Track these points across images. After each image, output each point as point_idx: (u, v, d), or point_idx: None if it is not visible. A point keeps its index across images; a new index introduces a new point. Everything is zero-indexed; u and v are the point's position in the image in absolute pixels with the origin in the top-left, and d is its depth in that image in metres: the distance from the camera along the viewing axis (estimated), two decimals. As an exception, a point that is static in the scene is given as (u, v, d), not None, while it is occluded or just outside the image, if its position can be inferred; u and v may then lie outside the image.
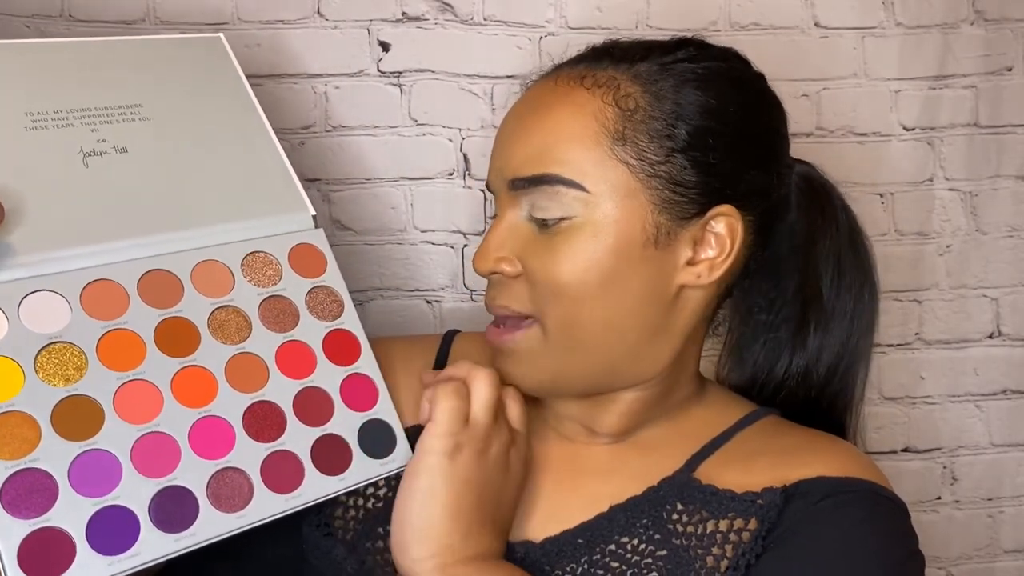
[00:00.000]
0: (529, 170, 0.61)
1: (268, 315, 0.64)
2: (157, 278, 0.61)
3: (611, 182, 0.60)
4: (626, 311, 0.61)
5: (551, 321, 0.62)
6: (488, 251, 0.63)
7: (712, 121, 0.61)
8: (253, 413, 0.60)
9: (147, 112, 0.66)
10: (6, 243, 0.56)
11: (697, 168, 0.61)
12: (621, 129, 0.60)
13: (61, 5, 0.90)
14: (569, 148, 0.60)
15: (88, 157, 0.62)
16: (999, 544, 1.05)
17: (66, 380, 0.55)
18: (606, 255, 0.60)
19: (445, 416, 0.59)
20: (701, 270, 0.62)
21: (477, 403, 0.60)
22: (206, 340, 0.61)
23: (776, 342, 0.71)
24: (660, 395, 0.66)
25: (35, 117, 0.62)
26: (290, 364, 0.63)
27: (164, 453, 0.56)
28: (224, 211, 0.65)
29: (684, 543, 0.61)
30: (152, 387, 0.58)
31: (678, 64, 0.62)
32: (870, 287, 0.71)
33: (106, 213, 0.61)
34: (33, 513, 0.51)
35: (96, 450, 0.54)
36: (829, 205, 0.70)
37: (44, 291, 0.57)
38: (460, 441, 0.59)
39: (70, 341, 0.56)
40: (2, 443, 0.52)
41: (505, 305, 0.63)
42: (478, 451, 0.59)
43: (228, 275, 0.64)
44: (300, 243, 0.68)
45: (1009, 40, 0.98)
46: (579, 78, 0.62)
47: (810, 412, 0.70)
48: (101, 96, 0.65)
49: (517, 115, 0.64)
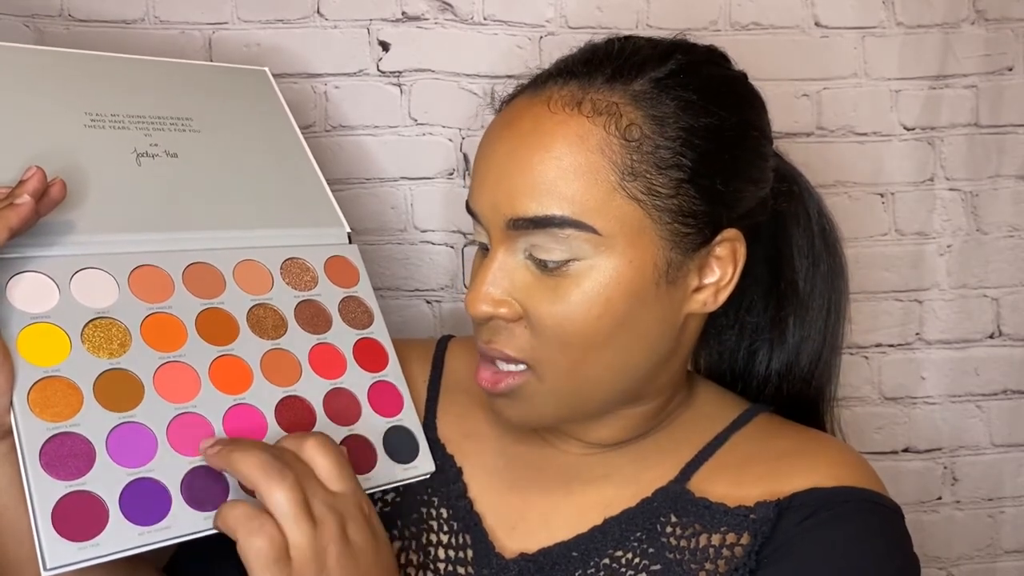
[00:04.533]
0: (533, 210, 0.56)
1: (303, 317, 0.66)
2: (201, 270, 0.64)
3: (621, 220, 0.56)
4: (637, 351, 0.59)
5: (550, 370, 0.59)
6: (483, 294, 0.58)
7: (715, 143, 0.58)
8: (285, 405, 0.62)
9: (197, 126, 0.71)
10: (65, 220, 0.60)
11: (704, 197, 0.58)
12: (629, 163, 0.56)
13: (60, 5, 0.90)
14: (576, 185, 0.56)
15: (141, 157, 0.66)
16: (999, 544, 1.05)
17: (110, 354, 0.58)
18: (619, 299, 0.57)
19: (264, 572, 0.50)
20: (707, 297, 0.60)
21: (287, 524, 0.51)
22: (244, 332, 0.63)
23: (755, 336, 0.70)
24: (657, 409, 0.65)
25: (94, 117, 0.66)
26: (322, 364, 0.65)
27: (199, 433, 0.58)
28: (266, 218, 0.69)
29: (678, 557, 0.60)
30: (191, 370, 0.60)
31: (673, 79, 0.58)
32: (842, 274, 0.70)
33: (157, 207, 0.65)
34: (70, 475, 0.53)
35: (134, 423, 0.57)
36: (797, 191, 0.69)
37: (95, 269, 0.60)
38: None
39: (116, 318, 0.59)
40: (45, 405, 0.55)
41: (502, 351, 0.59)
42: (317, 572, 0.51)
43: (267, 276, 0.67)
44: (335, 255, 0.71)
45: (1010, 40, 0.98)
46: (575, 103, 0.57)
47: (794, 407, 0.69)
48: (155, 107, 0.70)
49: (509, 142, 0.59)
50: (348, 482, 0.55)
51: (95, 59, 0.71)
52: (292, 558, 0.51)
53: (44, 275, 0.58)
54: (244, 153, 0.72)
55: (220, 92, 0.75)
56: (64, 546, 0.51)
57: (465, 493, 0.67)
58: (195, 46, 0.92)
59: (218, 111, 0.73)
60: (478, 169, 0.60)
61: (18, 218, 0.54)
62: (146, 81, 0.72)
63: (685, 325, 0.61)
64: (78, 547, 0.51)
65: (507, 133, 0.59)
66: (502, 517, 0.66)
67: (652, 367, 0.61)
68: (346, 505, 0.54)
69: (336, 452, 0.55)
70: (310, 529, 0.51)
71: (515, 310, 0.58)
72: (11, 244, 0.55)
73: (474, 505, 0.66)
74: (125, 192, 0.64)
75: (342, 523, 0.53)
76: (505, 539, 0.65)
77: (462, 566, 0.64)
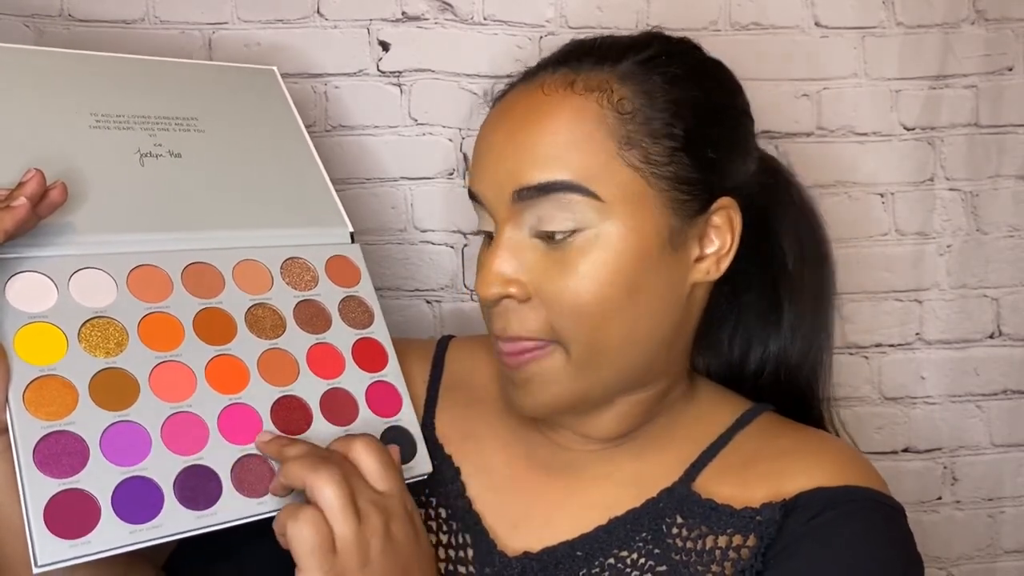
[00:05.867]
0: (537, 177, 0.58)
1: (302, 316, 0.67)
2: (200, 270, 0.64)
3: (622, 187, 0.58)
4: (650, 320, 0.60)
5: (576, 344, 0.59)
6: (492, 275, 0.59)
7: (703, 116, 0.60)
8: (281, 405, 0.62)
9: (202, 125, 0.71)
10: (65, 221, 0.60)
11: (698, 164, 0.60)
12: (624, 133, 0.58)
13: (60, 5, 0.90)
14: (577, 154, 0.58)
15: (144, 157, 0.67)
16: (999, 544, 1.05)
17: (106, 353, 0.58)
18: (627, 266, 0.58)
19: (310, 561, 0.52)
20: (709, 266, 0.62)
21: (334, 517, 0.53)
22: (242, 332, 0.63)
23: (749, 326, 0.71)
24: (658, 395, 0.65)
25: (99, 117, 0.67)
26: (320, 364, 0.65)
27: (193, 433, 0.58)
28: (268, 218, 0.69)
29: (684, 559, 0.60)
30: (187, 369, 0.60)
31: (656, 60, 0.61)
32: (829, 261, 0.71)
33: (158, 207, 0.65)
34: (63, 473, 0.54)
35: (129, 422, 0.57)
36: (784, 185, 0.70)
37: (94, 269, 0.61)
38: (337, 574, 0.53)
39: (113, 317, 0.60)
40: (40, 403, 0.55)
41: (520, 335, 0.60)
42: (359, 566, 0.53)
43: (267, 275, 0.67)
44: (337, 255, 0.71)
45: (1010, 40, 0.98)
46: (567, 83, 0.59)
47: (788, 399, 0.70)
48: (160, 107, 0.70)
49: (507, 125, 0.61)
50: (393, 482, 0.57)
51: (102, 60, 0.71)
52: (337, 550, 0.53)
53: (43, 275, 0.59)
54: (248, 153, 0.72)
55: (227, 92, 0.75)
56: (56, 543, 0.51)
57: (463, 493, 0.67)
58: (195, 46, 0.92)
59: (224, 111, 0.73)
60: (478, 153, 0.62)
61: (13, 221, 0.54)
62: (153, 81, 0.72)
63: (692, 295, 0.62)
64: (69, 544, 0.52)
65: (505, 118, 0.61)
66: (502, 516, 0.66)
67: (664, 337, 0.62)
68: (390, 503, 0.56)
69: (382, 453, 0.57)
70: (355, 523, 0.53)
71: (525, 289, 0.59)
72: (9, 245, 0.55)
73: (473, 504, 0.66)
74: (126, 193, 0.64)
75: (386, 520, 0.55)
76: (507, 538, 0.65)
77: (463, 565, 0.64)
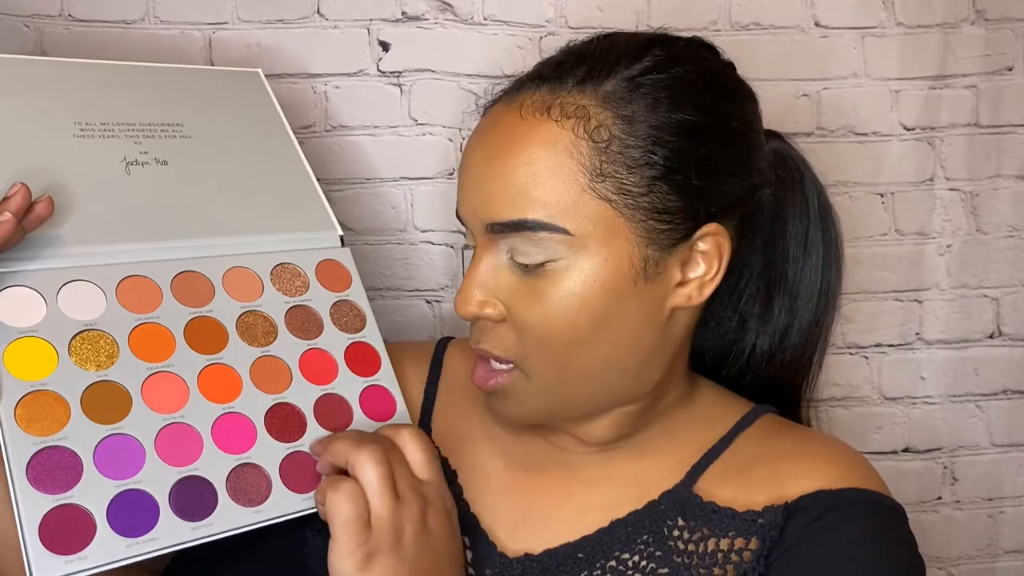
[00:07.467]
0: (507, 214, 0.58)
1: (294, 322, 0.66)
2: (190, 279, 0.64)
3: (594, 221, 0.57)
4: (620, 347, 0.60)
5: (535, 368, 0.60)
6: (470, 296, 0.60)
7: (689, 139, 0.58)
8: (275, 413, 0.62)
9: (188, 131, 0.70)
10: (52, 234, 0.60)
11: (679, 192, 0.58)
12: (598, 164, 0.57)
13: (61, 5, 0.90)
14: (547, 189, 0.57)
15: (130, 166, 0.66)
16: (999, 544, 1.05)
17: (97, 366, 0.58)
18: (596, 297, 0.58)
19: (344, 532, 0.54)
20: (691, 291, 0.60)
21: (372, 494, 0.55)
22: (233, 340, 0.63)
23: (743, 318, 0.70)
24: (649, 405, 0.65)
25: (83, 126, 0.66)
26: (313, 370, 0.65)
27: (187, 444, 0.58)
28: (256, 224, 0.69)
29: (685, 561, 0.60)
30: (179, 380, 0.60)
31: (646, 77, 0.59)
32: (837, 265, 0.70)
33: (145, 216, 0.64)
34: (57, 489, 0.53)
35: (122, 435, 0.57)
36: (800, 181, 0.68)
37: (82, 281, 0.60)
38: (370, 550, 0.55)
39: (104, 330, 0.59)
40: (32, 419, 0.54)
41: (492, 352, 0.61)
42: (392, 546, 0.55)
43: (257, 282, 0.66)
44: (327, 259, 0.71)
45: (1009, 40, 0.98)
46: (544, 108, 0.58)
47: (772, 395, 0.70)
48: (145, 113, 0.70)
49: (484, 149, 0.60)
50: (435, 474, 0.59)
51: (85, 67, 0.70)
52: (372, 526, 0.54)
53: (31, 289, 0.58)
54: (235, 157, 0.71)
55: (212, 96, 0.74)
56: (52, 560, 0.51)
57: (461, 495, 0.67)
58: (195, 46, 0.92)
59: (210, 115, 0.73)
60: (460, 176, 0.62)
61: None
62: (137, 87, 0.71)
63: (672, 319, 0.61)
64: (65, 561, 0.51)
65: (483, 140, 0.61)
66: (501, 518, 0.66)
67: (639, 362, 0.61)
68: (430, 492, 0.58)
69: (428, 444, 0.60)
70: (393, 503, 0.55)
71: (500, 311, 0.60)
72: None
73: (471, 506, 0.66)
74: (113, 202, 0.63)
75: (423, 507, 0.57)
76: (506, 539, 0.65)
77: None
